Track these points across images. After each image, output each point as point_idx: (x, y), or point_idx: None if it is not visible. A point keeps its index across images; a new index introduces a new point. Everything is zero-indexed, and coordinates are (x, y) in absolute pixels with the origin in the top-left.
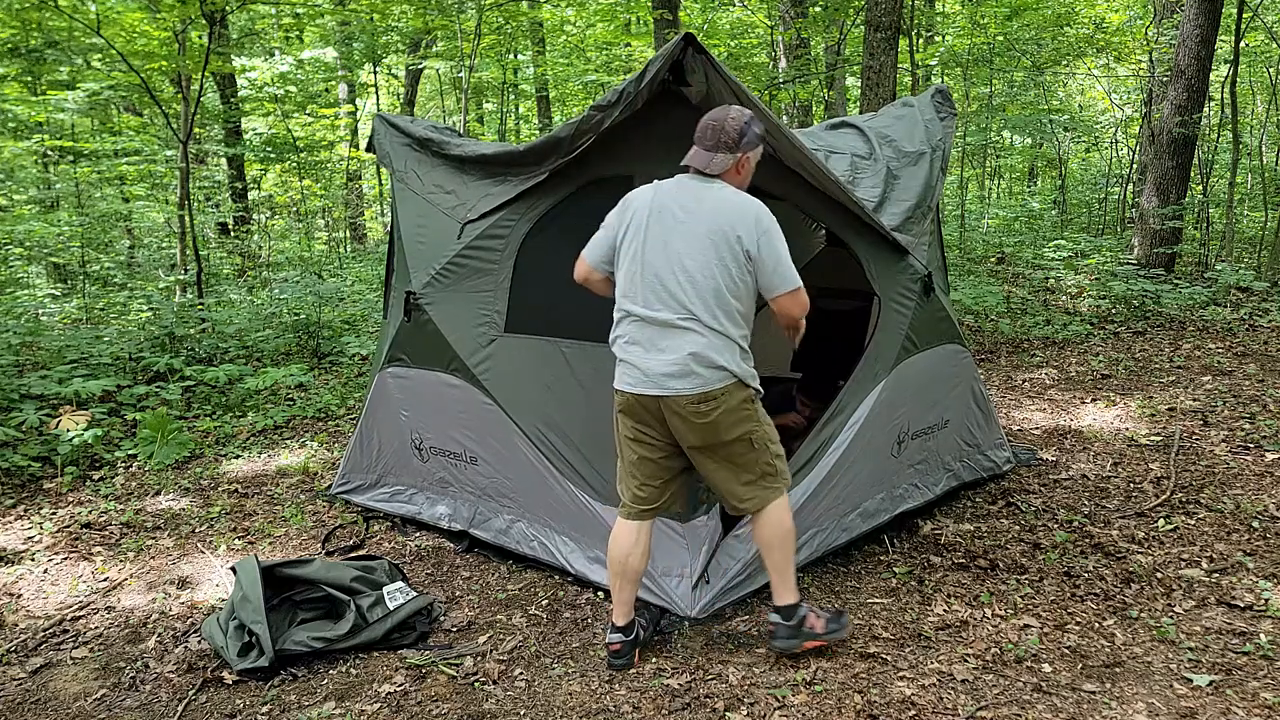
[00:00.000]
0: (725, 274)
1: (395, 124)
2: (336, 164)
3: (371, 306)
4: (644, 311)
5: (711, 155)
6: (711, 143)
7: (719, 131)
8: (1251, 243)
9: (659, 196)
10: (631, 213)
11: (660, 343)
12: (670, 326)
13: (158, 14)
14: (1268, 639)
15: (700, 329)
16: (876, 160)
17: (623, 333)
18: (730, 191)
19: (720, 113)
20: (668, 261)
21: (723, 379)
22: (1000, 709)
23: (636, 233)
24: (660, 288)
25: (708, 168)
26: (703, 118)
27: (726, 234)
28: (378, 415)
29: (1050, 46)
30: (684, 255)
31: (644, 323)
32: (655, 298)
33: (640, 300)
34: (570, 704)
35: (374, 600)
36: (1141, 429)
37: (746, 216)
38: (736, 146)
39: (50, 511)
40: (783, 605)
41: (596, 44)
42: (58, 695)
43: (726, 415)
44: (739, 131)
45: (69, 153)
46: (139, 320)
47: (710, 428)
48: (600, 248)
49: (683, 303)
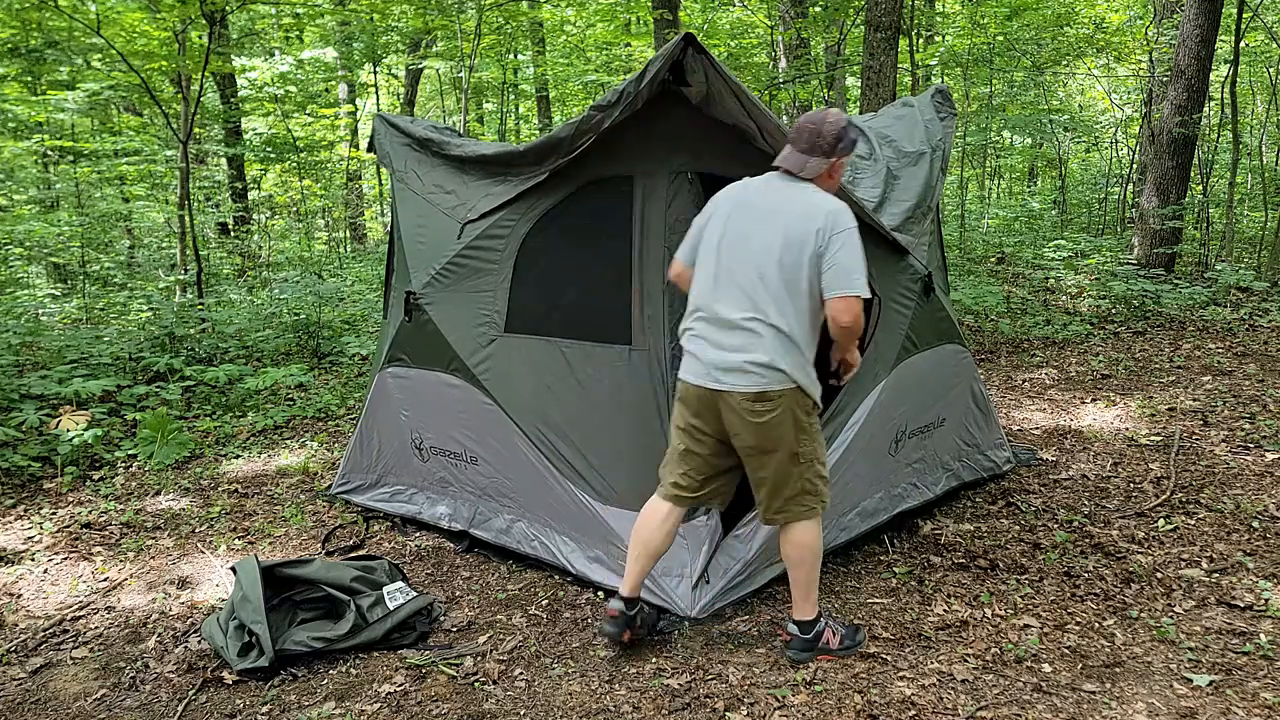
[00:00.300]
0: (799, 275)
1: (395, 124)
2: (336, 164)
3: (371, 306)
4: (713, 306)
5: (806, 159)
6: (806, 146)
7: (815, 135)
8: (1251, 243)
9: (745, 193)
10: (714, 209)
11: (725, 338)
12: (737, 322)
13: (158, 14)
14: (1268, 639)
15: (766, 329)
16: (876, 160)
17: (691, 324)
18: (817, 194)
19: (817, 116)
20: (743, 258)
21: (782, 381)
22: (1000, 709)
23: (717, 228)
24: (732, 284)
25: (801, 171)
26: (799, 119)
27: (805, 235)
28: (378, 415)
29: (1050, 46)
30: (759, 253)
31: (712, 316)
32: (726, 293)
33: (711, 294)
34: (570, 704)
35: (374, 600)
36: (1141, 429)
37: (826, 217)
38: (832, 151)
39: (50, 511)
40: (802, 620)
41: (596, 44)
42: (58, 695)
43: (781, 419)
44: (835, 136)
45: (69, 153)
46: (139, 320)
47: (763, 429)
48: (690, 246)
49: (753, 300)
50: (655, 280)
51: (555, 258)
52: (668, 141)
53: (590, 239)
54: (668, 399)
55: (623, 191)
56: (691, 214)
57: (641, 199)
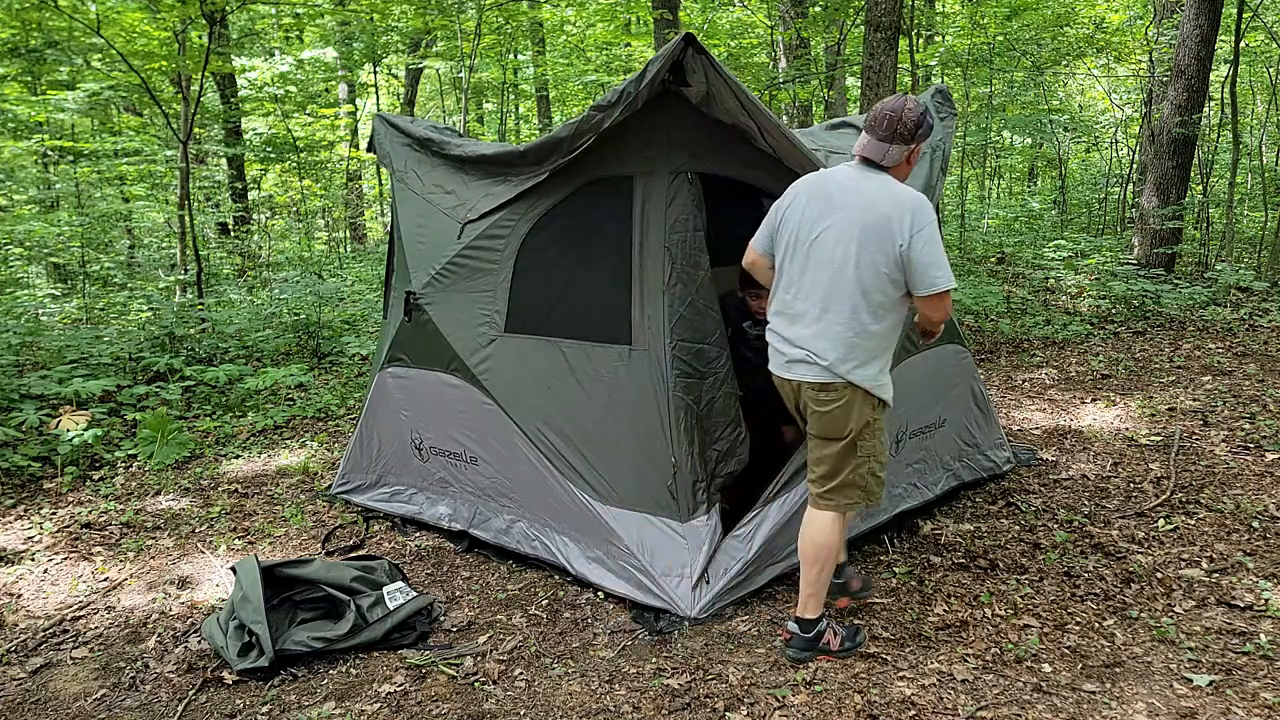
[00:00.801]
0: (874, 268)
1: (395, 124)
2: (336, 164)
3: (371, 306)
4: (788, 298)
5: (887, 146)
6: (886, 133)
7: (895, 122)
8: (1251, 243)
9: (822, 184)
10: (792, 199)
11: (797, 330)
12: (808, 314)
13: (158, 14)
14: (1268, 639)
15: (838, 322)
16: None
17: (771, 317)
18: (895, 185)
19: (895, 102)
20: (819, 252)
21: (847, 375)
22: (1000, 709)
23: (794, 219)
24: (806, 277)
25: (883, 159)
26: (876, 106)
27: (881, 228)
28: (378, 415)
29: (1050, 46)
30: (835, 245)
31: (787, 308)
32: (801, 286)
33: (787, 286)
34: (570, 704)
35: (374, 600)
36: (1141, 429)
37: (905, 211)
38: (912, 137)
39: (50, 511)
40: (805, 619)
41: (596, 44)
42: (58, 695)
43: (843, 412)
44: (915, 122)
45: (69, 153)
46: (139, 320)
47: (827, 419)
48: (765, 235)
49: (827, 292)
50: (655, 280)
51: (555, 258)
52: (668, 141)
53: (590, 239)
54: (668, 399)
55: (623, 191)
56: (691, 214)
57: (641, 199)
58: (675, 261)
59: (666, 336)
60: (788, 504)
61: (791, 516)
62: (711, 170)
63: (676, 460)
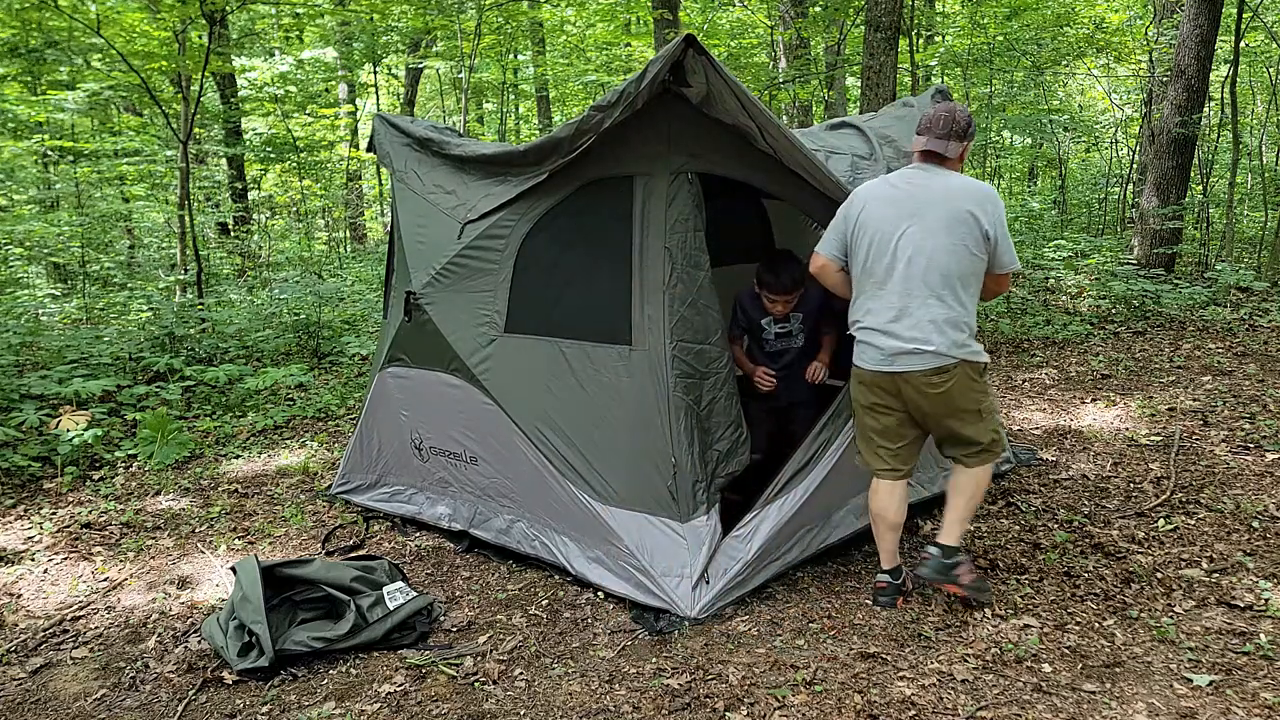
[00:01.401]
0: (964, 254)
1: (395, 124)
2: (336, 164)
3: (371, 306)
4: (884, 295)
5: (946, 142)
6: (944, 131)
7: (951, 121)
8: (1251, 243)
9: (895, 187)
10: (863, 205)
11: (902, 324)
12: (909, 307)
13: (158, 14)
14: (1268, 639)
15: (938, 308)
16: (876, 161)
17: (861, 316)
18: (962, 177)
19: (947, 106)
20: (909, 246)
21: (955, 354)
22: (1000, 709)
23: (873, 224)
24: (899, 271)
25: (946, 152)
26: (930, 111)
27: (966, 217)
28: (378, 415)
29: (1050, 46)
30: (925, 238)
31: (883, 305)
32: (895, 282)
33: (880, 284)
34: (570, 704)
35: (374, 600)
36: (1141, 429)
37: (985, 200)
38: (965, 135)
39: (50, 511)
40: (947, 544)
41: (596, 44)
42: (58, 695)
43: (958, 387)
44: (966, 121)
45: (69, 153)
46: (139, 320)
47: (943, 399)
48: (835, 241)
49: (926, 283)
50: (655, 280)
51: (555, 258)
52: (668, 142)
53: (590, 239)
54: (667, 399)
55: (623, 192)
56: (692, 214)
57: (642, 199)
58: (675, 262)
59: (666, 337)
60: (787, 505)
61: (791, 517)
62: (711, 170)
63: (676, 460)
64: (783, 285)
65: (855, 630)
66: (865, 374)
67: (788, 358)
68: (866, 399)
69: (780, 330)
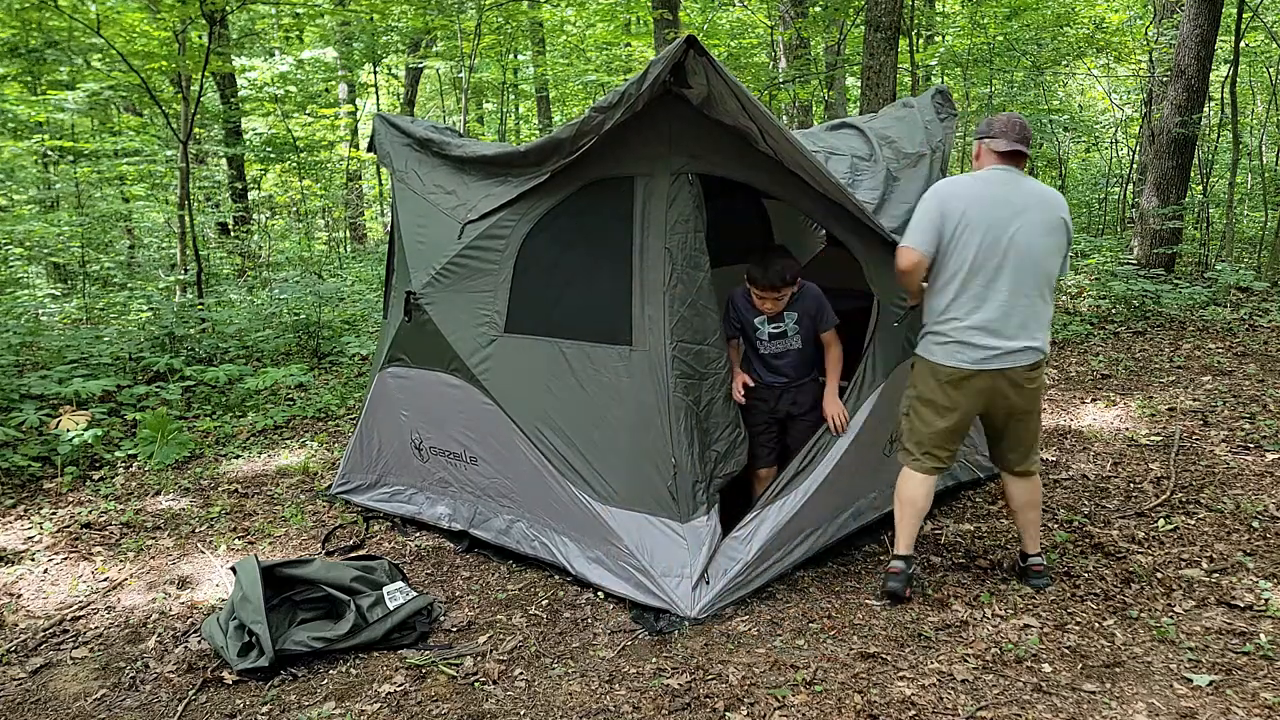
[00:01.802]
0: (1057, 257)
1: (396, 124)
2: (336, 164)
3: (371, 306)
4: (993, 292)
5: (1025, 145)
6: (1020, 135)
7: (1024, 129)
8: (1251, 243)
9: (987, 188)
10: (962, 205)
11: (1004, 324)
12: (1018, 304)
13: (158, 14)
14: (1268, 639)
15: (1041, 306)
16: (876, 162)
17: (960, 315)
18: (1041, 185)
19: (1015, 115)
20: (1016, 249)
21: (1045, 350)
22: (1000, 709)
23: (982, 221)
24: (1008, 273)
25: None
26: (1001, 118)
27: (1060, 224)
28: (378, 415)
29: (1050, 46)
30: (1031, 239)
31: (992, 303)
32: (1003, 283)
33: (989, 282)
34: (570, 704)
35: (374, 600)
36: (1141, 429)
37: (1064, 205)
38: (1029, 143)
39: (50, 511)
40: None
41: (596, 44)
42: (58, 695)
43: (1041, 383)
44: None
45: (69, 153)
46: (139, 320)
47: (1032, 394)
48: (929, 238)
49: (1035, 283)
50: (655, 281)
51: (556, 258)
52: (668, 142)
53: (591, 240)
54: (668, 399)
55: (623, 192)
56: (692, 215)
57: (642, 200)
58: (675, 262)
59: (667, 337)
60: (787, 505)
61: (792, 518)
62: (712, 171)
63: (677, 460)
64: (770, 280)
65: (855, 630)
66: (957, 372)
67: (785, 361)
68: (945, 398)
69: (774, 330)
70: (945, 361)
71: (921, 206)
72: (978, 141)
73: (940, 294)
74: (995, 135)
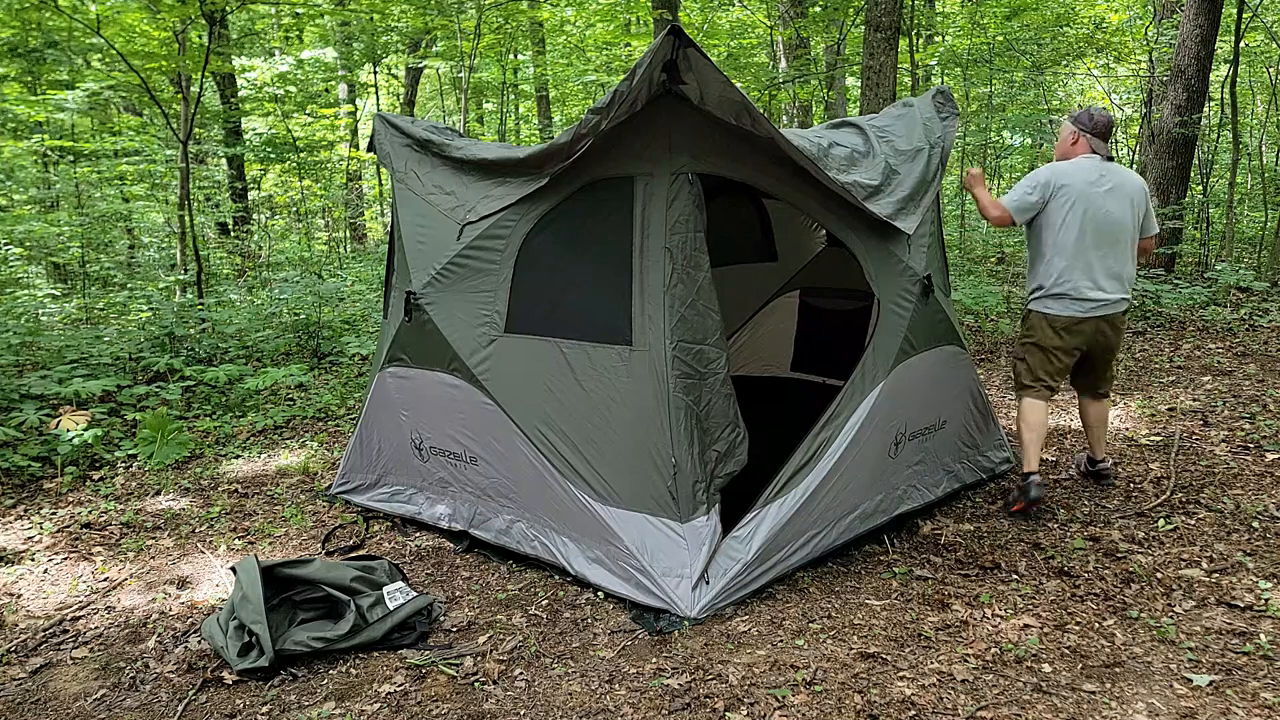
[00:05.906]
0: (1137, 225)
1: (396, 124)
2: (336, 164)
3: (371, 306)
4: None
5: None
6: (1106, 130)
7: (1111, 123)
8: (1251, 243)
9: (1089, 173)
10: (1068, 182)
11: (1110, 276)
12: (1115, 263)
13: (158, 14)
14: (1268, 639)
15: (1130, 266)
16: (874, 156)
17: (1074, 278)
18: (1121, 166)
19: (1105, 111)
20: (1111, 220)
21: (1130, 298)
22: (1000, 709)
23: (1081, 200)
24: (1108, 238)
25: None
26: (1094, 113)
27: (1138, 198)
28: (378, 415)
29: (1050, 46)
30: (1118, 213)
31: (1102, 267)
32: (1104, 249)
33: (1091, 251)
34: (570, 704)
35: (374, 600)
36: (1141, 429)
37: (1143, 185)
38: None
39: (50, 511)
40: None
41: (596, 44)
42: (58, 695)
43: (1125, 324)
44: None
45: (69, 153)
46: (139, 320)
47: (1121, 333)
48: (1025, 204)
49: (1128, 246)
50: (655, 281)
51: (556, 258)
52: (668, 142)
53: (591, 240)
54: (668, 399)
55: (623, 192)
56: (692, 215)
57: (642, 200)
58: (675, 262)
59: (667, 337)
60: (787, 505)
61: (792, 517)
62: (712, 171)
63: (677, 460)
64: None
65: (855, 630)
66: (1073, 320)
67: None
68: (1059, 342)
69: None
70: (1062, 312)
71: (1030, 179)
72: (1075, 131)
73: (1053, 261)
74: (1094, 133)
